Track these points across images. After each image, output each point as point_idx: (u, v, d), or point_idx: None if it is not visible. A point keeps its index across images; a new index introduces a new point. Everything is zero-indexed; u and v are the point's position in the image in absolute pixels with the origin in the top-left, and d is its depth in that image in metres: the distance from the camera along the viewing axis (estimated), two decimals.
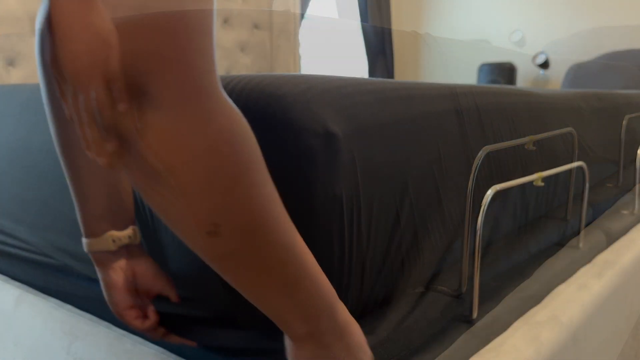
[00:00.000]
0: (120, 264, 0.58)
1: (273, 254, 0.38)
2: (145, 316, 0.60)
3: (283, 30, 2.52)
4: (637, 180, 1.41)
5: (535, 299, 0.86)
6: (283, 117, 0.52)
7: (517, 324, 0.78)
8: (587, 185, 1.06)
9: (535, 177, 0.85)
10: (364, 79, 0.60)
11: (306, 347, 0.45)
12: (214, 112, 0.33)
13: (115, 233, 0.58)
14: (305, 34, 3.11)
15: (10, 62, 1.75)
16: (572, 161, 1.05)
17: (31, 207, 0.87)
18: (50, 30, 0.29)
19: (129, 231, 0.59)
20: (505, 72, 3.25)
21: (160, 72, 0.30)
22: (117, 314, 0.60)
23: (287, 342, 0.47)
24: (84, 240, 0.58)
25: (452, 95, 0.73)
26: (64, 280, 0.84)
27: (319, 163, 0.53)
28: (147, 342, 0.74)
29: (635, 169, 1.40)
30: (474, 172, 0.71)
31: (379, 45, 3.51)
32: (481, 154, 0.73)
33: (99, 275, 0.59)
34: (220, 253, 0.37)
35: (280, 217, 0.38)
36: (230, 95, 0.54)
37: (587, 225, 1.21)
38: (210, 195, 0.33)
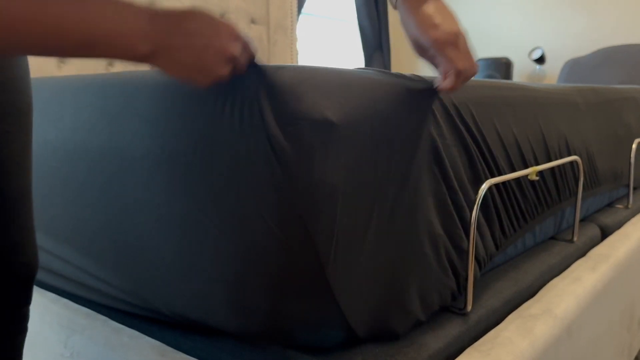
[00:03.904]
0: None
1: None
2: None
3: (280, 26, 2.51)
4: (631, 175, 1.42)
5: (530, 292, 0.87)
6: (281, 105, 0.53)
7: (511, 317, 0.78)
8: (582, 179, 1.06)
9: (530, 171, 0.86)
10: (361, 70, 0.60)
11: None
12: None
13: None
14: (303, 30, 3.10)
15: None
16: (577, 191, 1.07)
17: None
18: None
19: None
20: (501, 67, 3.26)
21: None
22: None
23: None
24: None
25: None
26: (60, 275, 0.84)
27: (316, 151, 0.53)
28: (143, 335, 0.74)
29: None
30: (477, 203, 0.72)
31: (376, 40, 3.50)
32: (485, 186, 0.73)
33: None
34: None
35: None
36: None
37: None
38: None
